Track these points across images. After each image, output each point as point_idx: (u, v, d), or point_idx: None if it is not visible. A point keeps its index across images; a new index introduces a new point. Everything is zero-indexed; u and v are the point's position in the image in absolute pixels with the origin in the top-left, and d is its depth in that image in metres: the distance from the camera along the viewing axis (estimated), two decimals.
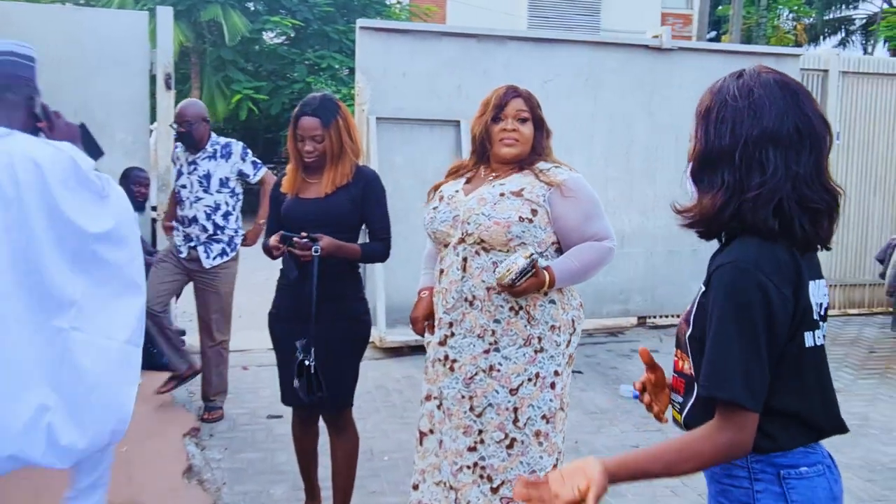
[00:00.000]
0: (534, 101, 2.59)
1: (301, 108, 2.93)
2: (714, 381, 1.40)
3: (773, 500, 1.45)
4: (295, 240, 2.76)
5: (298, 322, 2.89)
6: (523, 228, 2.44)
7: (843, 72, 7.58)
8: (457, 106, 6.23)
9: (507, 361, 2.48)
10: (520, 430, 2.47)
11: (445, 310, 2.55)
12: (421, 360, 5.67)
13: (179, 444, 3.98)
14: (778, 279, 1.40)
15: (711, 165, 1.49)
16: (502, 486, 2.48)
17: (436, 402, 2.61)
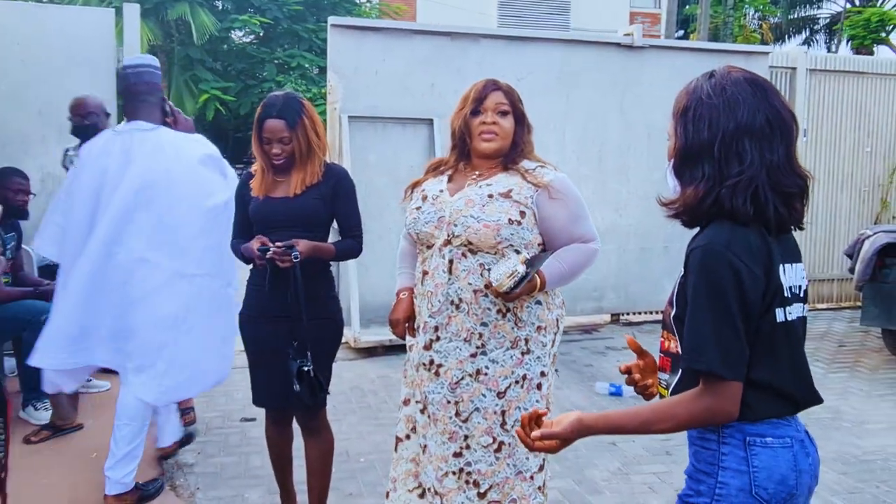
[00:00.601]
0: (515, 94, 2.54)
1: (265, 109, 2.83)
2: (692, 354, 1.51)
3: (735, 463, 1.55)
4: (273, 249, 2.70)
5: (270, 322, 2.85)
6: (512, 231, 2.40)
7: (811, 69, 7.68)
8: (430, 104, 6.20)
9: (494, 365, 2.44)
10: (507, 432, 2.45)
11: (431, 313, 2.49)
12: (396, 359, 5.69)
13: (151, 450, 3.89)
14: (748, 259, 1.50)
15: (692, 160, 1.58)
16: (490, 490, 2.45)
17: (418, 406, 2.57)
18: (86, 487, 3.45)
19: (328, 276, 2.98)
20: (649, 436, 4.23)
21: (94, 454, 3.81)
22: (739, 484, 1.54)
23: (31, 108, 5.38)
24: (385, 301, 6.32)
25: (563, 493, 3.53)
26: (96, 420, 4.27)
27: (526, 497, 2.48)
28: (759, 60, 7.32)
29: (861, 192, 8.02)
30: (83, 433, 4.09)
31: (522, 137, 2.54)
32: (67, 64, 5.48)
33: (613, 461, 3.92)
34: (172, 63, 16.19)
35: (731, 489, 1.55)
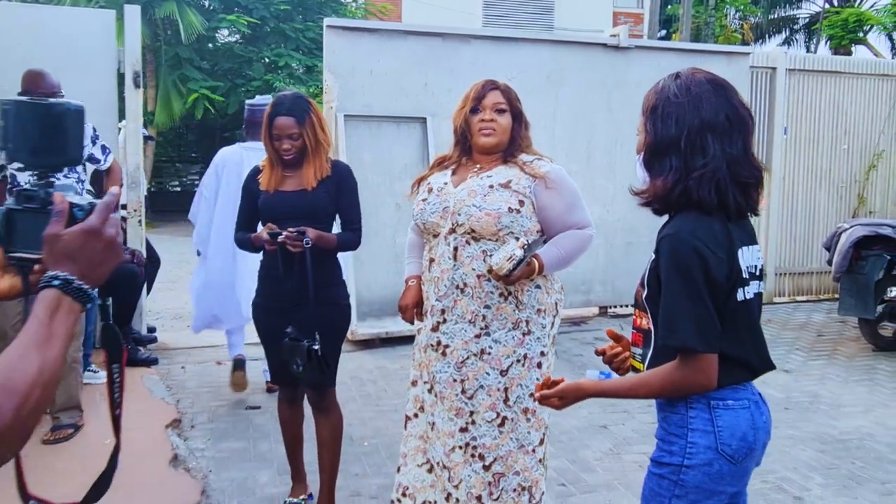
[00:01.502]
0: (512, 93, 2.71)
1: (274, 108, 3.04)
2: (668, 332, 1.69)
3: (702, 424, 1.74)
4: (285, 234, 2.88)
5: (284, 310, 3.03)
6: (512, 219, 2.57)
7: (790, 69, 7.92)
8: (423, 103, 6.38)
9: (497, 345, 2.61)
10: (510, 408, 2.62)
11: (437, 297, 2.67)
12: (392, 351, 5.89)
13: (163, 435, 4.06)
14: (713, 245, 1.68)
15: (661, 153, 1.77)
16: (495, 462, 2.63)
17: (425, 385, 2.75)
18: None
19: (336, 263, 3.16)
20: (639, 420, 4.45)
21: (107, 440, 3.95)
22: (707, 442, 1.73)
23: None
24: (380, 295, 6.53)
25: (559, 472, 3.73)
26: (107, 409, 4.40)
27: (528, 469, 2.66)
28: (741, 61, 7.56)
29: (839, 189, 8.28)
30: (96, 421, 4.22)
31: (520, 133, 2.70)
32: (68, 65, 5.58)
33: (605, 442, 4.12)
34: (160, 62, 16.23)
35: (700, 447, 1.73)
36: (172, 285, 9.20)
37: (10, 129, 1.26)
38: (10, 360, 1.00)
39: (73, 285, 1.08)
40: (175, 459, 3.77)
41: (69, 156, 1.31)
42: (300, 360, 2.93)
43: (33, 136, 1.27)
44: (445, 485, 2.68)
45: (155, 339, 5.99)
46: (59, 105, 1.28)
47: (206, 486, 3.51)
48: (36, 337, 1.03)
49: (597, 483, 3.63)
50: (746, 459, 1.76)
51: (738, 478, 1.77)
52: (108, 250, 1.13)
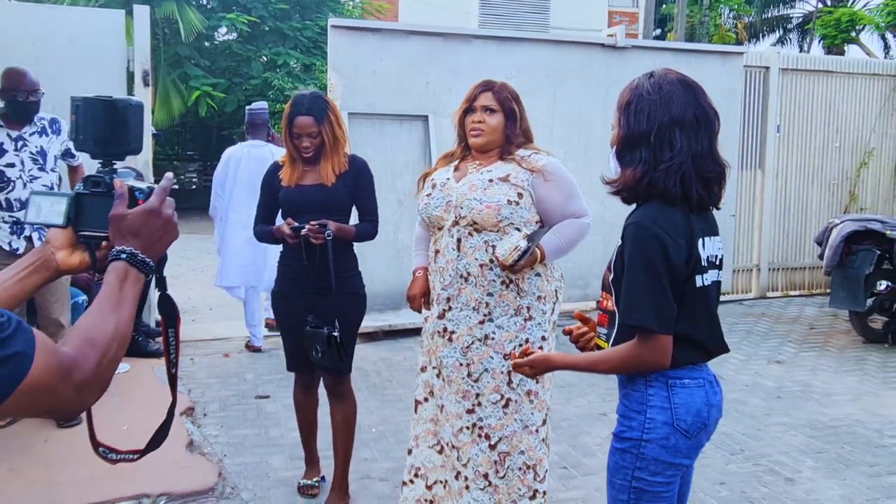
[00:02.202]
0: (505, 93, 2.80)
1: (294, 108, 3.19)
2: (627, 312, 1.82)
3: (660, 402, 1.86)
4: (308, 227, 3.04)
5: (304, 298, 3.18)
6: (511, 210, 2.70)
7: (783, 69, 8.08)
8: (425, 101, 6.53)
9: (500, 330, 2.74)
10: (513, 390, 2.76)
11: (443, 286, 2.80)
12: (395, 343, 6.05)
13: (177, 422, 4.19)
14: (674, 233, 1.81)
15: (632, 146, 1.91)
16: (500, 442, 2.77)
17: (434, 371, 2.89)
18: None
19: (353, 254, 3.31)
20: None
21: (125, 426, 4.10)
22: (664, 418, 1.85)
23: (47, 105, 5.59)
24: (382, 290, 6.67)
25: (560, 456, 3.88)
26: (122, 399, 4.55)
27: (532, 448, 2.80)
28: (735, 60, 7.72)
29: (830, 186, 8.45)
30: (112, 409, 4.36)
31: (514, 131, 2.80)
32: (78, 64, 5.72)
33: (604, 429, 4.27)
34: (159, 61, 16.32)
35: (657, 423, 1.86)
36: (175, 281, 9.31)
37: (79, 122, 1.40)
38: (91, 319, 1.16)
39: (138, 258, 1.24)
40: (191, 445, 3.91)
41: (131, 146, 1.45)
42: (320, 347, 3.09)
43: (99, 129, 1.41)
44: (455, 464, 2.83)
45: None
46: (123, 101, 1.42)
47: (222, 470, 3.66)
48: (110, 301, 1.19)
49: (597, 466, 3.78)
50: (700, 434, 1.89)
51: (692, 451, 1.90)
52: (166, 228, 1.30)
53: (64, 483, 3.40)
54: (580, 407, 4.64)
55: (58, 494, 3.29)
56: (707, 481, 3.63)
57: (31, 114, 4.05)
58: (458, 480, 2.83)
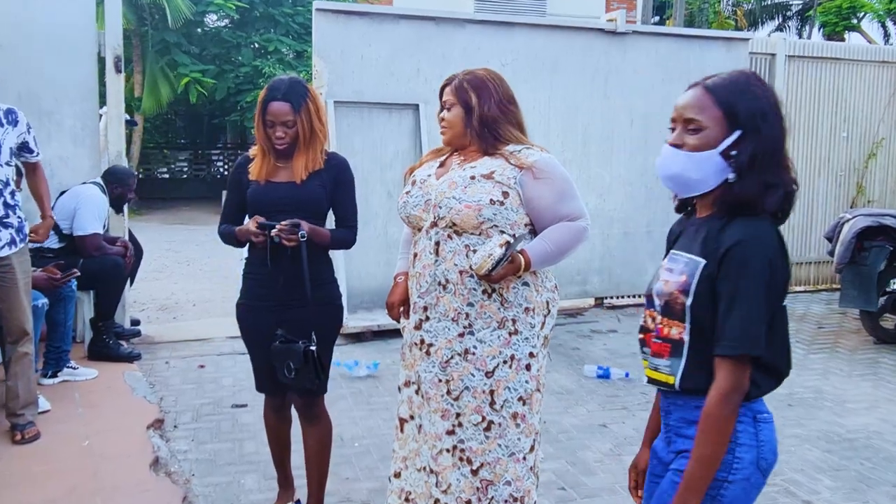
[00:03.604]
0: (463, 84, 2.52)
1: (270, 92, 2.83)
2: (745, 342, 1.57)
3: (748, 439, 1.66)
4: (279, 226, 2.69)
5: (272, 310, 2.85)
6: (494, 211, 2.42)
7: (790, 56, 7.76)
8: (415, 89, 6.20)
9: (481, 344, 2.47)
10: (497, 412, 2.47)
11: (419, 294, 2.55)
12: (384, 344, 5.72)
13: (143, 437, 3.88)
14: (780, 252, 1.64)
15: (767, 162, 1.65)
16: (482, 468, 2.48)
17: (414, 387, 2.60)
18: (81, 474, 3.43)
19: (327, 260, 2.98)
20: (640, 418, 4.30)
21: (86, 442, 3.79)
22: (750, 457, 1.64)
23: (11, 93, 5.27)
24: (371, 286, 6.35)
25: (558, 475, 3.58)
26: (87, 409, 4.24)
27: (520, 478, 2.50)
28: (740, 47, 7.40)
29: (837, 177, 8.15)
30: (75, 421, 4.05)
31: (469, 123, 2.50)
32: (47, 49, 5.38)
33: (605, 442, 3.98)
34: (147, 48, 15.93)
35: (745, 462, 1.64)
36: (158, 275, 9.02)
37: None
38: None
39: None
40: (156, 463, 3.59)
41: None
42: (293, 364, 2.76)
43: None
44: (433, 490, 2.54)
45: (139, 333, 5.80)
46: None
47: (189, 492, 3.34)
48: None
49: (598, 487, 3.48)
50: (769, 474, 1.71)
51: (759, 492, 1.70)
52: None
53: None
54: (579, 417, 4.34)
55: None
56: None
57: None
58: None
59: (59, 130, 5.44)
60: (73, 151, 5.49)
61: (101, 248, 5.01)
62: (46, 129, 5.36)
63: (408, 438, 2.66)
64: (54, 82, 5.41)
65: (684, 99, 1.71)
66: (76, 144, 5.50)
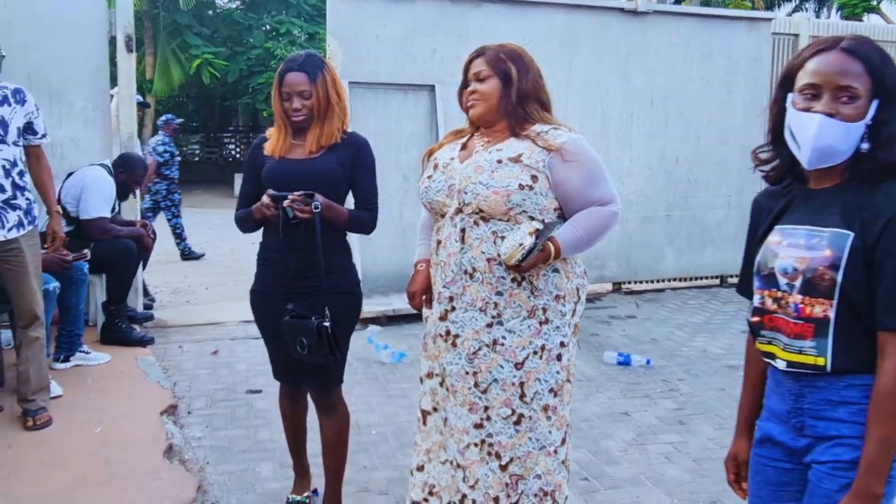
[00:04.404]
0: (499, 54, 2.40)
1: (286, 64, 2.75)
2: None
3: None
4: (291, 197, 2.58)
5: (283, 297, 2.74)
6: (524, 196, 2.30)
7: (813, 36, 7.57)
8: (432, 70, 6.08)
9: (511, 335, 2.35)
10: (527, 405, 2.36)
11: (445, 283, 2.42)
12: (399, 329, 5.64)
13: (157, 423, 3.81)
14: None
15: None
16: (511, 462, 2.38)
17: (438, 378, 2.50)
18: (93, 462, 3.37)
19: (346, 245, 2.87)
20: (662, 406, 4.21)
21: (98, 428, 3.73)
22: None
23: (20, 73, 5.18)
24: (386, 270, 6.27)
25: (581, 465, 3.49)
26: (99, 394, 4.17)
27: (550, 472, 2.40)
28: (763, 27, 7.23)
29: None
30: (87, 406, 3.99)
31: (509, 96, 2.37)
32: (56, 27, 5.29)
33: (628, 431, 3.88)
34: (158, 30, 15.84)
35: None
36: (172, 256, 8.97)
37: None
38: None
39: None
40: (170, 450, 3.51)
41: None
42: (307, 340, 2.64)
43: None
44: (460, 485, 2.44)
45: (151, 317, 5.75)
46: None
47: (203, 481, 3.27)
48: None
49: (622, 477, 3.39)
50: None
51: None
52: None
53: (22, 499, 3.02)
54: (600, 405, 4.25)
55: None
56: None
57: None
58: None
59: (70, 112, 5.36)
60: (84, 133, 5.41)
61: (108, 232, 4.93)
62: (57, 110, 5.28)
63: (431, 431, 2.56)
64: (64, 62, 5.32)
65: (834, 65, 1.58)
66: (87, 126, 5.42)
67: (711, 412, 4.17)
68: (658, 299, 6.82)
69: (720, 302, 6.77)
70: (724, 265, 7.35)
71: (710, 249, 7.26)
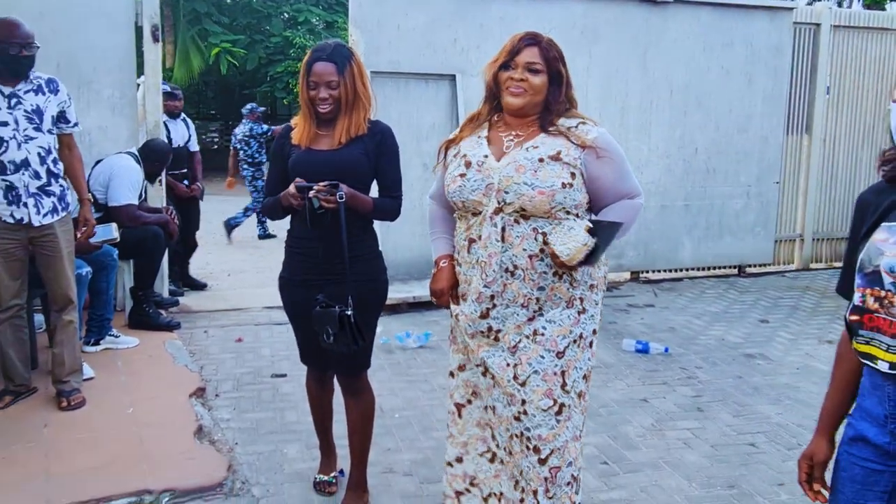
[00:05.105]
0: (553, 51, 2.38)
1: (314, 54, 2.78)
2: None
3: None
4: (316, 187, 2.65)
5: (313, 285, 2.80)
6: (565, 195, 2.33)
7: (835, 26, 7.54)
8: (452, 60, 6.13)
9: (551, 325, 2.38)
10: (567, 394, 2.40)
11: (486, 283, 2.40)
12: (420, 316, 5.72)
13: (186, 405, 3.92)
14: None
15: None
16: (552, 455, 2.38)
17: (478, 368, 2.50)
18: (126, 441, 3.48)
19: (372, 234, 2.94)
20: (680, 393, 4.26)
21: (130, 409, 3.84)
22: None
23: (51, 62, 5.28)
24: (407, 258, 6.34)
25: (600, 449, 3.56)
26: (129, 377, 4.29)
27: (577, 458, 2.47)
28: (784, 16, 7.21)
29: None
30: (118, 389, 4.10)
31: (556, 98, 2.39)
32: (85, 16, 5.38)
33: (647, 417, 3.95)
34: (178, 18, 15.94)
35: None
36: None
37: None
38: None
39: None
40: (199, 431, 3.62)
41: None
42: (331, 329, 2.72)
43: None
44: (513, 471, 2.48)
45: (177, 303, 5.86)
46: None
47: (233, 461, 3.37)
48: None
49: (641, 462, 3.46)
50: None
51: None
52: None
53: (61, 475, 3.13)
54: (619, 391, 4.31)
55: (53, 488, 3.02)
56: (763, 482, 3.29)
57: (25, 68, 3.67)
58: (516, 491, 2.47)
59: (98, 100, 5.46)
60: (111, 121, 5.50)
61: (137, 219, 5.03)
62: (86, 98, 5.38)
63: (467, 423, 2.59)
64: (93, 51, 5.41)
65: None
66: (115, 114, 5.51)
67: (729, 399, 4.22)
68: (676, 288, 6.86)
69: (738, 291, 6.80)
70: (742, 255, 7.37)
71: (728, 239, 7.28)
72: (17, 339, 3.79)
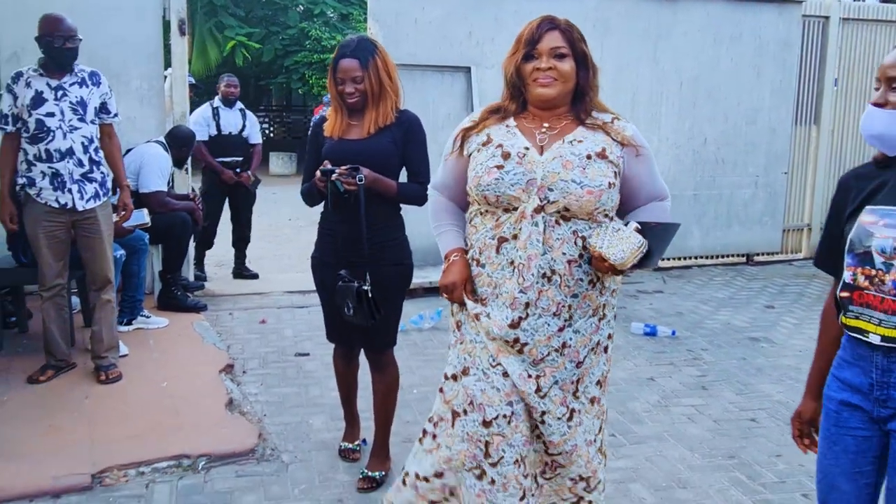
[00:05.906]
0: (575, 33, 2.25)
1: (340, 50, 2.98)
2: None
3: None
4: (338, 171, 2.83)
5: (343, 265, 2.99)
6: (609, 195, 2.19)
7: (844, 18, 7.67)
8: (468, 52, 6.31)
9: (576, 335, 2.26)
10: (577, 399, 2.31)
11: (522, 288, 2.21)
12: (435, 300, 5.90)
13: (217, 380, 4.15)
14: None
15: None
16: (558, 455, 2.34)
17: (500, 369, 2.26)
18: (163, 412, 3.71)
19: (398, 220, 3.12)
20: (685, 373, 4.45)
21: (164, 383, 4.07)
22: None
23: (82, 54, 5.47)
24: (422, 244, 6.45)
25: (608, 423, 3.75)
26: (161, 354, 4.52)
27: (589, 461, 2.38)
28: (792, 9, 7.35)
29: None
30: (151, 365, 4.33)
31: (588, 82, 2.24)
32: (113, 13, 5.58)
33: (653, 394, 4.14)
34: (195, 10, 16.15)
35: None
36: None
37: None
38: None
39: None
40: (230, 403, 3.85)
41: None
42: (351, 303, 2.90)
43: None
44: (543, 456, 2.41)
45: (202, 287, 6.09)
46: None
47: (262, 430, 3.60)
48: None
49: (646, 434, 3.66)
50: None
51: None
52: None
53: (104, 441, 3.36)
54: (627, 371, 4.50)
55: (98, 453, 3.25)
56: (762, 453, 3.48)
57: (69, 60, 3.94)
58: None
59: (127, 91, 5.67)
60: (140, 112, 5.72)
61: (166, 205, 5.26)
62: (115, 89, 5.50)
63: (455, 437, 2.34)
64: (122, 44, 5.63)
65: (890, 59, 1.76)
66: (143, 105, 5.73)
67: (733, 379, 4.41)
68: (684, 276, 7.03)
69: (745, 279, 6.97)
70: (750, 244, 7.54)
71: (736, 228, 7.45)
72: (59, 317, 4.03)
